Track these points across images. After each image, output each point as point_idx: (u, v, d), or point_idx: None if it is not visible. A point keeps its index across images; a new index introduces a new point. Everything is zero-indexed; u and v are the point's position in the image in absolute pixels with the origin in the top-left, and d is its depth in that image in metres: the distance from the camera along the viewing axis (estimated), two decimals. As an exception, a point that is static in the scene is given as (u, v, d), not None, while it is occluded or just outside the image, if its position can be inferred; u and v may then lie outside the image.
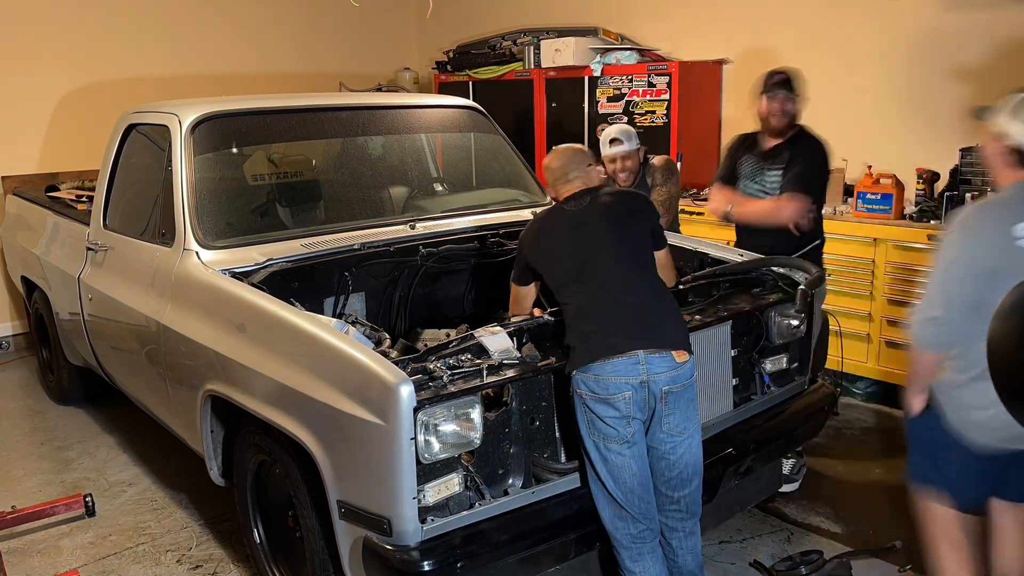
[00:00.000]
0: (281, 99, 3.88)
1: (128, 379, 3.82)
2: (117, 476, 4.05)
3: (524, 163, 4.21)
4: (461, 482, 2.35)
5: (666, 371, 2.40)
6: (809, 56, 5.30)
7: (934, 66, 4.79)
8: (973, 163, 4.38)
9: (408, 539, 2.22)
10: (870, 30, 5.01)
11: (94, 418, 4.77)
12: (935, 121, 4.82)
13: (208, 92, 6.25)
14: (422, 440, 2.20)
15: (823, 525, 3.45)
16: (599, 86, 5.85)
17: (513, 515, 2.41)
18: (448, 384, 2.26)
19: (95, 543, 3.46)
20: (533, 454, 2.53)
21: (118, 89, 6.17)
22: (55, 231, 4.58)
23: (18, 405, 5.06)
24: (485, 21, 7.11)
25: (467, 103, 4.26)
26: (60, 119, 6.05)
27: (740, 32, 5.62)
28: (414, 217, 3.51)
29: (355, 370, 2.27)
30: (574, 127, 6.01)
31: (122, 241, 3.65)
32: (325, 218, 3.59)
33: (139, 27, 6.30)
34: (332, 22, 7.32)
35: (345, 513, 2.33)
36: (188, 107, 3.46)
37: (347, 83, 7.16)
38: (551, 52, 6.02)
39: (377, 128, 3.93)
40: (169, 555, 3.35)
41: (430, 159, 4.29)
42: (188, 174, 3.23)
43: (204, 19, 6.63)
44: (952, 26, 4.69)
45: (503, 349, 2.44)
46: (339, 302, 3.18)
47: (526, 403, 2.51)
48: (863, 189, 4.54)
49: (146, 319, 3.25)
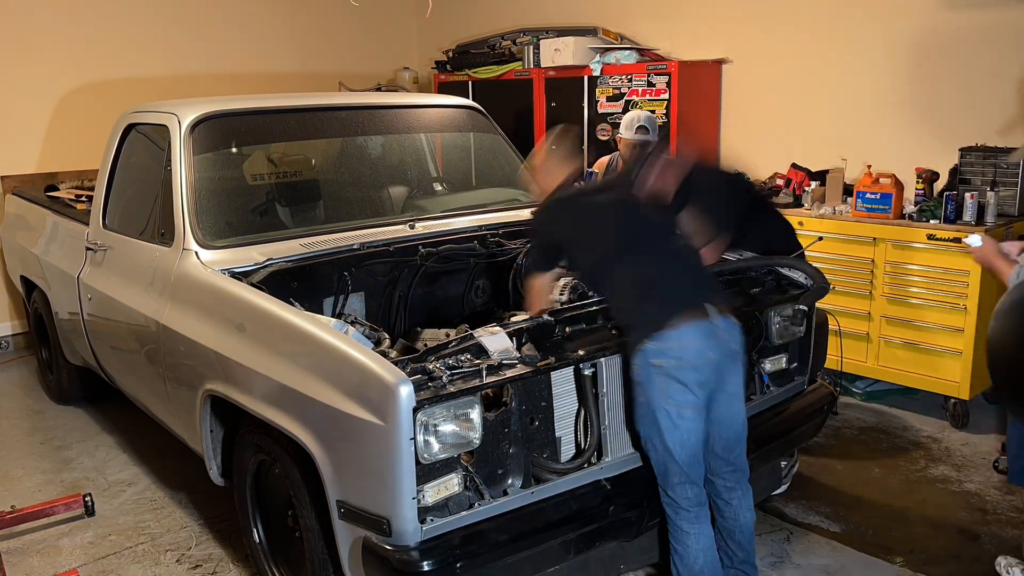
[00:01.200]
0: (281, 99, 3.88)
1: (127, 379, 3.82)
2: (116, 476, 4.05)
3: (523, 163, 4.20)
4: (460, 482, 2.35)
5: (734, 331, 2.56)
6: (808, 56, 5.31)
7: (934, 65, 4.79)
8: (973, 163, 4.39)
9: (407, 539, 2.22)
10: (869, 30, 5.01)
11: (93, 418, 4.77)
12: (935, 120, 4.82)
13: (207, 92, 6.24)
14: (421, 440, 2.20)
15: (822, 524, 3.45)
16: (599, 85, 5.84)
17: (512, 515, 2.41)
18: (447, 384, 2.26)
19: (94, 543, 3.46)
20: (532, 454, 2.53)
21: (117, 88, 6.17)
22: (54, 231, 4.57)
23: (17, 405, 5.06)
24: (484, 21, 7.10)
25: (467, 103, 4.27)
26: (59, 119, 6.04)
27: (739, 32, 5.62)
28: (413, 217, 3.51)
29: (354, 370, 2.27)
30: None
31: (121, 241, 3.65)
32: (324, 218, 3.59)
33: (138, 26, 6.30)
34: (332, 22, 7.32)
35: (344, 513, 2.33)
36: (187, 107, 3.46)
37: (347, 83, 7.15)
38: (550, 52, 6.02)
39: (376, 128, 3.93)
40: (169, 555, 3.35)
41: (430, 159, 4.29)
42: (187, 174, 3.23)
43: (203, 19, 6.62)
44: (952, 25, 4.69)
45: (502, 349, 2.44)
46: (338, 302, 3.18)
47: (525, 403, 2.51)
48: (863, 188, 4.54)
49: (145, 319, 3.25)
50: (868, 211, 4.52)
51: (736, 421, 2.63)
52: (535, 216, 2.84)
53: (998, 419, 4.38)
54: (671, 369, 2.44)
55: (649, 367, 2.47)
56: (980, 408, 4.47)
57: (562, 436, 2.64)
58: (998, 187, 4.30)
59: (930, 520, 3.48)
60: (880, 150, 4.93)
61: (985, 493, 3.69)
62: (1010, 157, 4.17)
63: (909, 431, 4.35)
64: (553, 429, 2.60)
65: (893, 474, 3.89)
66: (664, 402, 2.47)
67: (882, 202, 4.47)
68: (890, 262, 4.43)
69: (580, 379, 2.62)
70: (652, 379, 2.47)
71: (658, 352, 2.45)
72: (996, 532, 3.37)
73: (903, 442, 4.23)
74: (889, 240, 4.42)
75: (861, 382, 4.78)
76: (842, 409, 4.59)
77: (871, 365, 4.56)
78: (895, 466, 3.97)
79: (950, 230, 4.20)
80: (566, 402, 2.65)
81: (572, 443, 2.69)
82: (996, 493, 3.68)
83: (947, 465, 3.96)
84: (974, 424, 4.33)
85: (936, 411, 4.48)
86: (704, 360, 2.47)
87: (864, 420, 4.50)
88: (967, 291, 4.16)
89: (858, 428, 4.41)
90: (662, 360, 2.45)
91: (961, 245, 3.78)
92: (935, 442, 4.21)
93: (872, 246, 4.48)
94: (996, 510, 3.54)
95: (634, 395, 2.56)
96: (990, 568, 3.11)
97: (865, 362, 4.58)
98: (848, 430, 4.38)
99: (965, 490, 3.73)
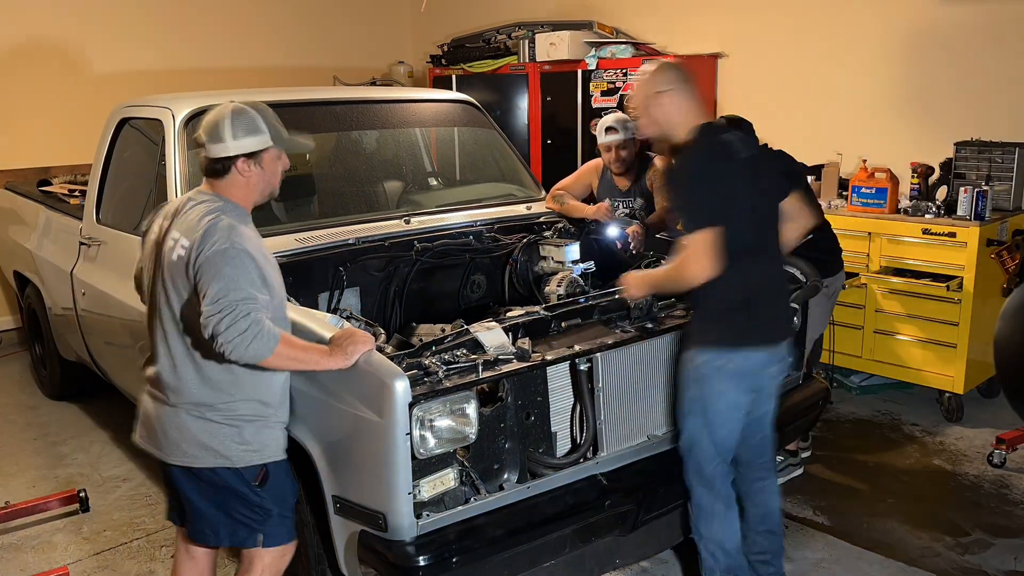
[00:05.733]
0: (275, 93, 3.86)
1: (122, 374, 3.81)
2: (111, 471, 4.04)
3: (519, 157, 4.20)
4: (456, 477, 2.35)
5: (784, 359, 2.70)
6: (803, 50, 5.31)
7: (929, 60, 4.80)
8: (968, 157, 4.39)
9: (403, 534, 2.22)
10: (865, 24, 5.01)
11: (87, 413, 4.75)
12: (930, 115, 4.83)
13: (201, 86, 6.21)
14: (417, 435, 2.20)
15: (816, 518, 3.46)
16: (593, 80, 5.83)
17: (508, 510, 2.41)
18: (443, 379, 2.26)
19: (89, 539, 3.46)
20: (528, 449, 2.53)
21: (110, 83, 6.13)
22: (48, 226, 4.55)
23: (11, 400, 5.04)
24: (480, 14, 7.08)
25: (462, 97, 4.25)
26: (52, 113, 6.01)
27: (735, 26, 5.62)
28: (409, 212, 3.50)
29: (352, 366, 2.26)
30: (568, 121, 6.00)
31: (115, 236, 3.64)
32: (319, 213, 3.57)
33: (132, 20, 6.26)
34: (326, 16, 7.29)
35: (340, 508, 2.33)
36: (181, 100, 3.44)
37: (341, 77, 7.12)
38: (546, 46, 6.01)
39: (371, 122, 3.92)
40: (164, 550, 3.34)
41: (425, 154, 4.28)
42: (181, 168, 3.21)
43: (197, 12, 6.59)
44: (947, 20, 4.69)
45: (498, 344, 2.43)
46: (334, 297, 3.17)
47: (521, 398, 2.51)
48: (858, 183, 4.55)
49: (139, 314, 3.22)
50: (863, 206, 4.52)
51: (770, 418, 2.75)
52: (690, 160, 2.49)
53: (992, 414, 4.40)
54: (732, 373, 2.52)
55: (712, 367, 2.52)
56: (974, 402, 4.49)
57: (558, 431, 2.64)
58: (993, 181, 4.31)
59: (924, 514, 3.50)
60: (875, 144, 4.93)
61: (979, 487, 3.70)
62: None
63: (903, 425, 4.36)
64: (549, 424, 2.60)
65: (887, 468, 3.90)
66: (719, 401, 2.54)
67: (877, 196, 4.47)
68: (885, 256, 4.43)
69: (576, 374, 2.62)
70: (712, 378, 2.53)
71: (727, 358, 2.51)
72: (990, 525, 3.38)
73: (897, 436, 4.24)
74: (884, 234, 4.42)
75: (856, 376, 4.79)
76: (836, 403, 4.60)
77: (866, 359, 4.57)
78: (889, 460, 3.98)
79: (945, 224, 4.21)
80: (562, 397, 2.65)
81: (568, 438, 2.69)
82: (990, 487, 3.69)
83: (941, 459, 3.98)
84: (968, 418, 4.35)
85: (930, 405, 4.49)
86: (763, 373, 2.59)
87: (858, 414, 4.51)
88: (962, 286, 4.17)
89: (852, 422, 4.42)
90: (728, 364, 2.51)
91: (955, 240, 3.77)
92: (929, 436, 4.22)
93: (867, 240, 4.48)
94: (990, 504, 3.56)
95: (683, 386, 2.60)
96: (984, 561, 3.13)
97: (860, 357, 4.59)
98: (842, 424, 4.39)
99: (959, 484, 3.74)
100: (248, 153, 2.26)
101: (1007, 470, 3.81)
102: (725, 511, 2.64)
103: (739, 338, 2.51)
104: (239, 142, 2.24)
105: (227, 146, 2.24)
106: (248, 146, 2.26)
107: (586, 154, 5.79)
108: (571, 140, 6.00)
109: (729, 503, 2.65)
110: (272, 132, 2.31)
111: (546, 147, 6.20)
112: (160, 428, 2.30)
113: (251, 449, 2.26)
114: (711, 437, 2.57)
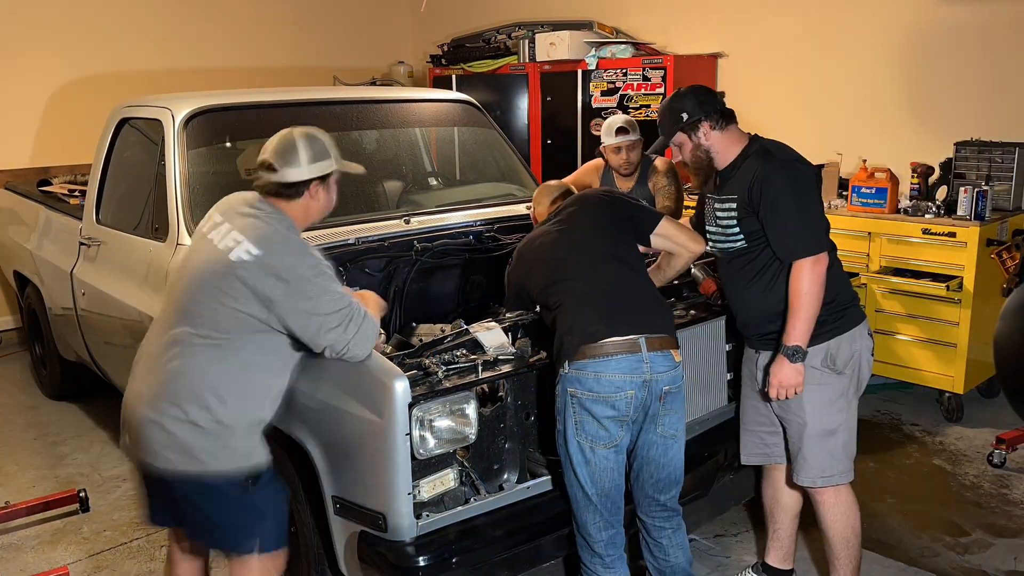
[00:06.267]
0: (275, 93, 3.87)
1: (122, 374, 3.79)
2: (111, 471, 4.04)
3: (519, 157, 4.20)
4: (456, 477, 2.35)
5: (667, 370, 2.34)
6: (803, 50, 5.31)
7: (929, 60, 4.80)
8: (967, 157, 4.39)
9: (403, 534, 2.22)
10: (865, 23, 5.00)
11: (87, 413, 4.75)
12: (930, 115, 4.82)
13: (201, 86, 6.21)
14: (417, 436, 2.20)
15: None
16: (593, 80, 5.83)
17: (508, 510, 2.41)
18: (443, 380, 2.26)
19: (89, 539, 3.45)
20: (528, 449, 2.53)
21: (110, 82, 6.13)
22: (47, 226, 4.56)
23: (11, 400, 5.04)
24: (479, 14, 7.08)
25: (462, 97, 4.26)
26: (52, 113, 6.01)
27: (735, 26, 5.62)
28: (409, 212, 3.50)
29: (350, 366, 2.26)
30: (568, 121, 6.00)
31: (115, 236, 3.64)
32: (319, 213, 3.57)
33: (131, 20, 6.26)
34: (326, 16, 7.29)
35: (340, 508, 2.33)
36: (181, 101, 3.44)
37: (341, 77, 7.12)
38: (546, 46, 6.01)
39: (371, 122, 3.92)
40: (164, 551, 3.33)
41: (425, 154, 4.28)
42: (181, 168, 3.22)
43: (197, 12, 6.59)
44: (947, 20, 4.69)
45: (498, 344, 2.43)
46: (333, 297, 3.16)
47: (521, 398, 2.51)
48: (858, 183, 4.54)
49: (139, 314, 3.24)
50: (863, 206, 4.52)
51: (670, 465, 2.43)
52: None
53: (992, 414, 4.40)
54: (586, 401, 2.29)
55: (565, 395, 2.32)
56: (974, 402, 4.49)
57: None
58: (993, 181, 4.31)
59: (924, 514, 3.49)
60: (875, 144, 4.93)
61: (979, 486, 3.70)
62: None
63: (903, 425, 4.36)
64: (549, 424, 2.60)
65: (887, 468, 3.90)
66: (577, 434, 2.32)
67: (877, 196, 4.47)
68: (885, 256, 4.43)
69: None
70: (567, 408, 2.32)
71: (576, 380, 2.29)
72: (990, 525, 3.38)
73: (897, 436, 4.24)
74: (884, 234, 4.42)
75: (856, 376, 4.78)
76: (837, 403, 4.59)
77: (866, 359, 4.57)
78: (889, 460, 3.98)
79: (945, 224, 4.21)
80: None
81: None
82: (990, 487, 3.69)
83: (941, 459, 3.97)
84: (968, 418, 4.35)
85: (930, 405, 4.49)
86: (621, 396, 2.28)
87: (858, 414, 4.50)
88: (962, 286, 4.17)
89: (853, 422, 4.41)
90: (580, 390, 2.29)
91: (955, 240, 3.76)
92: (929, 436, 4.22)
93: (867, 240, 4.48)
94: (990, 504, 3.56)
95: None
96: (984, 561, 3.13)
97: (860, 356, 4.58)
98: (843, 424, 4.39)
99: (959, 484, 3.74)
100: (320, 176, 2.29)
101: (1007, 470, 3.81)
102: (606, 573, 2.47)
103: (589, 347, 2.34)
104: (312, 166, 2.28)
105: (302, 170, 2.26)
106: (321, 169, 2.29)
107: (586, 154, 5.79)
108: (571, 140, 6.00)
109: (608, 567, 2.45)
110: (334, 155, 2.34)
111: (546, 147, 6.20)
112: (145, 434, 2.20)
113: (241, 454, 2.23)
114: (576, 478, 2.39)
